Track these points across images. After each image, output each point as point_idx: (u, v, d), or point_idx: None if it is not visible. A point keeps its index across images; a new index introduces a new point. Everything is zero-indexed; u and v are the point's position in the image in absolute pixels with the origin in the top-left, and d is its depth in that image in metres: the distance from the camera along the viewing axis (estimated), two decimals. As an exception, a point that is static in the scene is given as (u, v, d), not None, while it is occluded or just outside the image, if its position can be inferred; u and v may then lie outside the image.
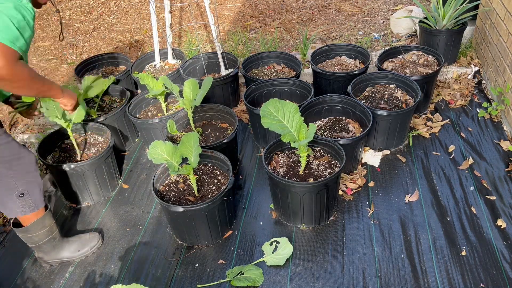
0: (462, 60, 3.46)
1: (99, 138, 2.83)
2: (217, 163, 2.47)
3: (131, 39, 4.51)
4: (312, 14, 4.47)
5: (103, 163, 2.62)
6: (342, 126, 2.74)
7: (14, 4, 1.68)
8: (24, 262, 2.39)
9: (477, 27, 3.52)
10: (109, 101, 3.16)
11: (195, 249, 2.35)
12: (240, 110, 3.34)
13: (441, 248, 2.18)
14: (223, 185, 2.35)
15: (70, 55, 4.42)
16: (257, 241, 2.34)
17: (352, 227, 2.35)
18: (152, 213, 2.60)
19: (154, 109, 3.07)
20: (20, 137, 3.26)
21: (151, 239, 2.43)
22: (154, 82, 2.85)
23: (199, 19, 4.70)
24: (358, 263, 2.16)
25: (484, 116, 2.97)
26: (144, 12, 5.02)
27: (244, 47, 3.92)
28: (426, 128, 2.93)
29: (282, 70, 3.35)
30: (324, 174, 2.33)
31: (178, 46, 4.28)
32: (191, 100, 2.64)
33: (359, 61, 3.28)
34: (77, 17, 5.11)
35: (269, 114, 2.20)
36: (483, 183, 2.49)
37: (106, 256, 2.37)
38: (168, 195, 2.35)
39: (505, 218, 2.29)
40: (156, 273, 2.24)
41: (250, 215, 2.50)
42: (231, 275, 2.15)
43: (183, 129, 2.84)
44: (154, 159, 2.20)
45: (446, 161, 2.67)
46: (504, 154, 2.67)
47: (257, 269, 2.16)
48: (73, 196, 2.68)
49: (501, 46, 2.95)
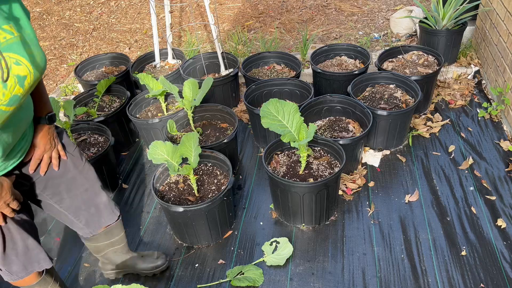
0: (462, 60, 3.46)
1: (99, 138, 2.83)
2: (217, 163, 2.47)
3: (131, 39, 4.51)
4: (312, 14, 4.47)
5: (103, 163, 2.62)
6: (342, 126, 2.74)
7: None
8: (24, 262, 2.39)
9: (477, 27, 3.52)
10: (109, 101, 3.16)
11: (195, 249, 2.34)
12: (240, 110, 3.34)
13: (441, 248, 2.18)
14: (223, 185, 2.35)
15: (70, 55, 4.42)
16: (257, 241, 2.34)
17: (352, 227, 2.35)
18: (152, 213, 2.60)
19: (154, 109, 3.07)
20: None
21: (151, 239, 2.43)
22: (154, 82, 2.85)
23: (199, 19, 4.70)
24: (358, 263, 2.16)
25: (484, 116, 2.97)
26: (144, 12, 5.02)
27: (244, 47, 3.92)
28: (426, 128, 2.93)
29: (282, 70, 3.35)
30: (324, 174, 2.33)
31: (178, 46, 4.28)
32: (191, 100, 2.64)
33: (359, 61, 3.27)
34: (77, 17, 5.11)
35: (269, 114, 2.20)
36: (483, 183, 2.49)
37: (106, 256, 2.37)
38: (168, 195, 2.35)
39: (505, 218, 2.28)
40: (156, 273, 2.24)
41: (250, 215, 2.50)
42: (231, 275, 2.15)
43: (183, 129, 2.84)
44: (154, 159, 2.20)
45: (446, 161, 2.67)
46: (504, 154, 2.67)
47: (257, 269, 2.16)
48: (73, 196, 2.67)
49: (501, 46, 2.95)
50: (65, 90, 3.71)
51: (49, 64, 4.30)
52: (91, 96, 3.15)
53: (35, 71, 1.34)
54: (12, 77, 1.27)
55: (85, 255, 2.39)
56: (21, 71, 1.30)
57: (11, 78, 1.27)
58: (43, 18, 5.19)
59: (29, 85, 1.34)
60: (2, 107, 1.28)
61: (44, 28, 4.98)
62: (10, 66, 1.26)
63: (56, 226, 2.59)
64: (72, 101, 2.81)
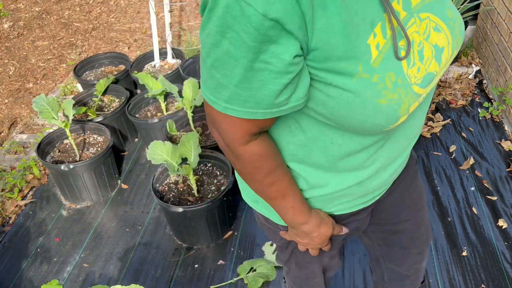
0: (463, 60, 3.45)
1: (98, 138, 2.82)
2: (217, 163, 2.46)
3: (130, 39, 4.50)
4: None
5: (102, 163, 2.61)
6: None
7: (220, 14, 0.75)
8: (23, 262, 2.38)
9: (478, 27, 3.50)
10: (109, 101, 3.15)
11: (195, 249, 2.33)
12: (240, 109, 3.33)
13: (442, 249, 2.17)
14: (223, 185, 2.34)
15: (69, 54, 4.41)
16: (257, 242, 2.33)
17: (352, 227, 2.34)
18: (151, 214, 2.59)
19: (153, 109, 3.06)
20: (19, 137, 3.24)
21: (150, 240, 2.42)
22: (154, 82, 2.84)
23: (199, 18, 4.69)
24: (358, 264, 2.15)
25: (485, 116, 2.96)
26: (143, 11, 5.01)
27: (244, 47, 3.91)
28: (427, 128, 2.92)
29: (282, 70, 3.34)
30: (324, 174, 2.31)
31: (178, 45, 4.26)
32: (191, 100, 2.62)
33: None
34: (76, 16, 5.10)
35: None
36: (484, 183, 2.48)
37: (105, 256, 2.36)
38: (167, 196, 2.34)
39: (506, 218, 2.28)
40: (155, 273, 2.23)
41: (250, 215, 2.49)
42: (243, 272, 2.14)
43: (182, 129, 2.83)
44: (153, 160, 2.19)
45: (447, 161, 2.66)
46: (505, 154, 2.66)
47: (269, 262, 2.15)
48: (72, 196, 2.66)
49: (502, 46, 2.94)
50: (64, 89, 3.70)
51: (48, 64, 4.29)
52: (90, 96, 3.14)
53: (453, 42, 0.91)
54: (429, 47, 0.87)
55: (84, 255, 2.38)
56: (440, 41, 0.88)
57: (428, 49, 0.86)
58: (42, 18, 5.18)
59: (445, 61, 0.91)
60: (415, 87, 0.84)
61: (43, 27, 4.97)
62: (428, 32, 0.86)
63: (56, 226, 2.58)
64: (71, 101, 2.80)
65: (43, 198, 2.77)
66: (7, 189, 2.78)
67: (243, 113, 0.80)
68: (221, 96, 0.80)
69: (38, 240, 2.51)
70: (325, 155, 0.95)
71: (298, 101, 0.81)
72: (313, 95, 0.83)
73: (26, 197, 2.78)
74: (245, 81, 0.76)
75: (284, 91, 0.78)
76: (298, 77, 0.78)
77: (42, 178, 2.89)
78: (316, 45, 0.75)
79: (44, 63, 4.32)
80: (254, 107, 0.79)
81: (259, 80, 0.76)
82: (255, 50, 0.72)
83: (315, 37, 0.74)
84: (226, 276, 2.18)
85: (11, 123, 3.48)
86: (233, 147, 0.90)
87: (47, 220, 2.63)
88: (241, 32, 0.71)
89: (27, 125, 3.40)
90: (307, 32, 0.73)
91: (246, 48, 0.72)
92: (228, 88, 0.78)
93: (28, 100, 3.73)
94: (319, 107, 0.84)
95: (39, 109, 2.44)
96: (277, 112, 0.81)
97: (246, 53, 0.72)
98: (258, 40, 0.71)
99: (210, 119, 0.89)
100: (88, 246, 2.44)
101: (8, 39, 4.75)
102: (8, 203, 2.71)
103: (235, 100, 0.79)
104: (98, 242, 2.45)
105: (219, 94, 0.80)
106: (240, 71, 0.75)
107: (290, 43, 0.73)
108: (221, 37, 0.73)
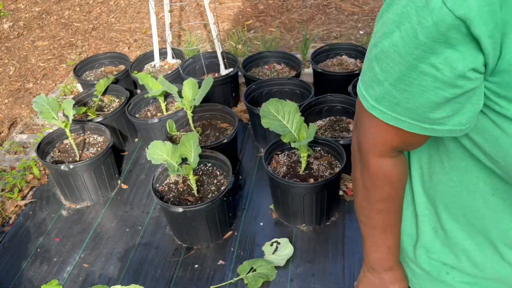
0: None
1: (98, 138, 2.82)
2: (217, 163, 2.46)
3: (130, 39, 4.50)
4: (312, 13, 4.46)
5: (102, 164, 2.61)
6: (342, 126, 2.72)
7: None
8: (23, 262, 2.38)
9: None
10: (108, 101, 3.15)
11: (194, 249, 2.33)
12: (240, 110, 3.32)
13: (442, 249, 2.17)
14: (223, 185, 2.34)
15: (69, 54, 4.41)
16: (257, 242, 2.33)
17: (352, 227, 2.34)
18: (151, 214, 2.59)
19: (153, 109, 3.05)
20: (19, 137, 3.24)
21: (150, 240, 2.42)
22: (154, 82, 2.84)
23: (198, 18, 4.69)
24: (359, 264, 2.15)
25: (485, 116, 2.96)
26: (143, 11, 5.01)
27: (244, 47, 3.90)
28: (427, 128, 2.91)
29: (282, 70, 3.34)
30: (324, 174, 2.31)
31: (178, 45, 4.26)
32: (191, 100, 2.62)
33: (359, 61, 3.26)
34: (76, 16, 5.10)
35: (269, 114, 2.19)
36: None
37: (105, 256, 2.36)
38: (167, 196, 2.33)
39: (507, 218, 2.27)
40: (155, 273, 2.23)
41: (250, 215, 2.49)
42: (243, 272, 2.14)
43: (182, 129, 2.83)
44: (153, 160, 2.19)
45: (447, 161, 2.66)
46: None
47: (269, 263, 2.15)
48: (72, 196, 2.66)
49: None
50: (64, 90, 3.70)
51: (48, 64, 4.29)
52: (90, 96, 3.14)
53: None
54: None
55: (84, 255, 2.38)
56: None
57: None
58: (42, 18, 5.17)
59: None
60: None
61: (43, 27, 4.97)
62: None
63: (56, 226, 2.58)
64: (71, 101, 2.80)
65: (43, 198, 2.76)
66: (7, 189, 2.78)
67: (390, 118, 0.71)
68: (373, 92, 0.71)
69: (38, 240, 2.50)
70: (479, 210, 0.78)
71: (458, 127, 0.67)
72: (483, 126, 0.67)
73: (26, 197, 2.78)
74: (403, 81, 0.66)
75: (444, 107, 0.65)
76: (466, 98, 0.64)
77: (42, 178, 2.88)
78: (507, 66, 0.60)
79: (44, 63, 4.32)
80: (404, 114, 0.69)
81: (419, 85, 0.65)
82: (425, 49, 0.61)
83: (509, 55, 0.59)
84: (226, 276, 2.18)
85: (11, 123, 3.48)
86: (366, 153, 0.81)
87: (47, 220, 2.63)
88: (417, 24, 0.60)
89: (27, 125, 3.40)
90: (500, 46, 0.58)
91: (415, 44, 0.62)
92: (383, 85, 0.69)
93: (28, 100, 3.73)
94: (487, 144, 0.68)
95: (39, 109, 2.44)
96: (428, 130, 0.69)
97: (414, 49, 0.62)
98: (432, 38, 0.60)
99: (355, 115, 0.82)
100: (88, 246, 2.44)
101: (8, 39, 4.76)
102: (8, 203, 2.71)
103: (385, 101, 0.70)
104: (98, 242, 2.45)
105: (372, 89, 0.71)
106: (401, 68, 0.65)
107: (470, 53, 0.60)
108: (395, 27, 0.64)
